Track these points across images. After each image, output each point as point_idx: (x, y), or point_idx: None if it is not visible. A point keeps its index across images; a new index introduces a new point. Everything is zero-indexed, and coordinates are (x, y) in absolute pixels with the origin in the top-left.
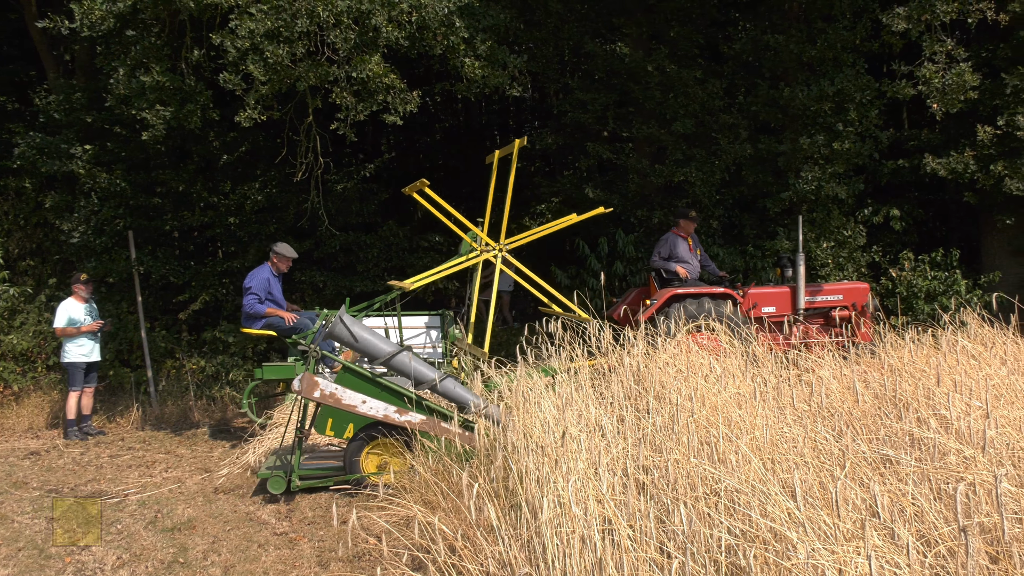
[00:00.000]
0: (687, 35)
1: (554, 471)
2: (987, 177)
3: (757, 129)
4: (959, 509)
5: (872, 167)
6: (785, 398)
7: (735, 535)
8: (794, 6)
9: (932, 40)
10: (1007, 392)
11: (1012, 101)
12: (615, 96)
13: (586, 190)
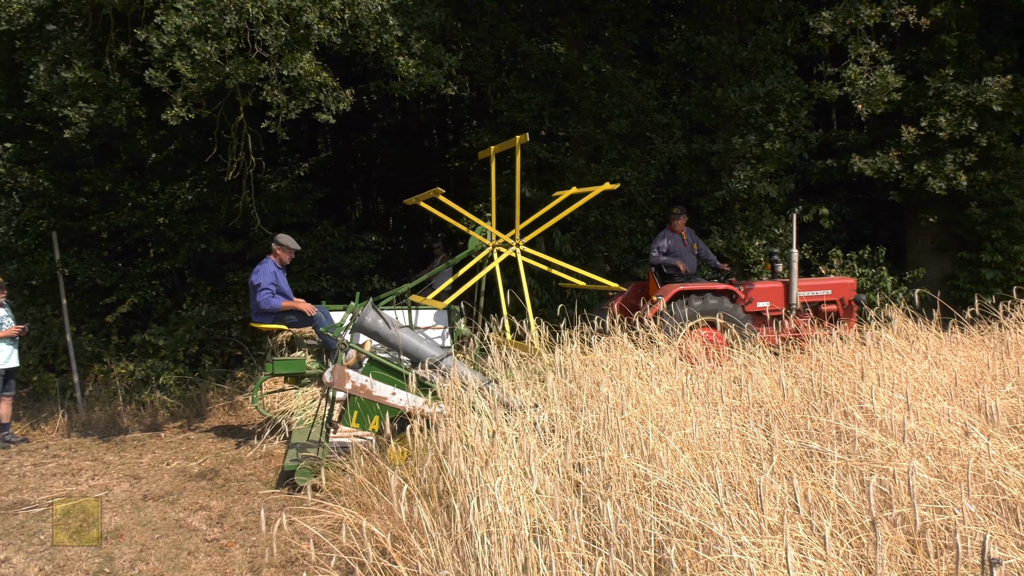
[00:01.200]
0: (622, 35)
1: (485, 471)
2: (911, 177)
3: (691, 129)
4: (872, 502)
5: (802, 166)
6: (716, 394)
7: (664, 531)
8: (726, 8)
9: (857, 43)
10: (928, 385)
11: (934, 103)
12: (551, 95)
13: (523, 189)
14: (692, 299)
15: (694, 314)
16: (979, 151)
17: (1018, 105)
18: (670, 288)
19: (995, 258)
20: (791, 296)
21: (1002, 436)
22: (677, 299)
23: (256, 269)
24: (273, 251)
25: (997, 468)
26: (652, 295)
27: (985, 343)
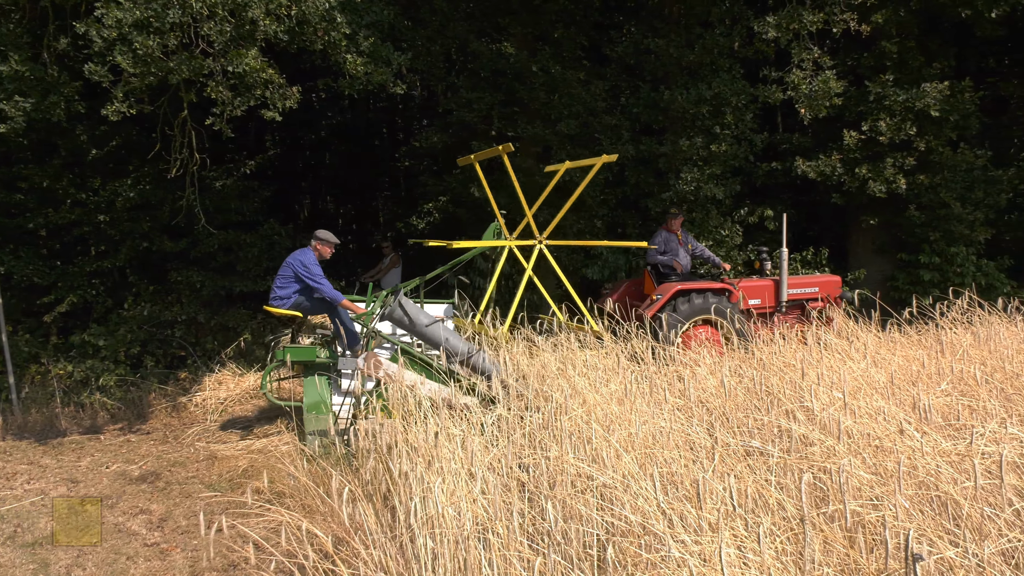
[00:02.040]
0: (571, 37)
1: (428, 471)
2: (853, 179)
3: (639, 131)
4: (804, 499)
5: (748, 169)
6: (662, 394)
7: (607, 530)
8: (674, 12)
9: (800, 48)
10: (866, 384)
11: (875, 108)
12: (501, 96)
13: (472, 189)
14: (690, 298)
15: (692, 312)
16: (918, 155)
17: (955, 111)
18: (669, 287)
19: (933, 259)
20: (781, 294)
21: (936, 433)
22: (676, 298)
23: (301, 257)
24: (312, 245)
25: (930, 465)
26: (651, 293)
27: (922, 343)
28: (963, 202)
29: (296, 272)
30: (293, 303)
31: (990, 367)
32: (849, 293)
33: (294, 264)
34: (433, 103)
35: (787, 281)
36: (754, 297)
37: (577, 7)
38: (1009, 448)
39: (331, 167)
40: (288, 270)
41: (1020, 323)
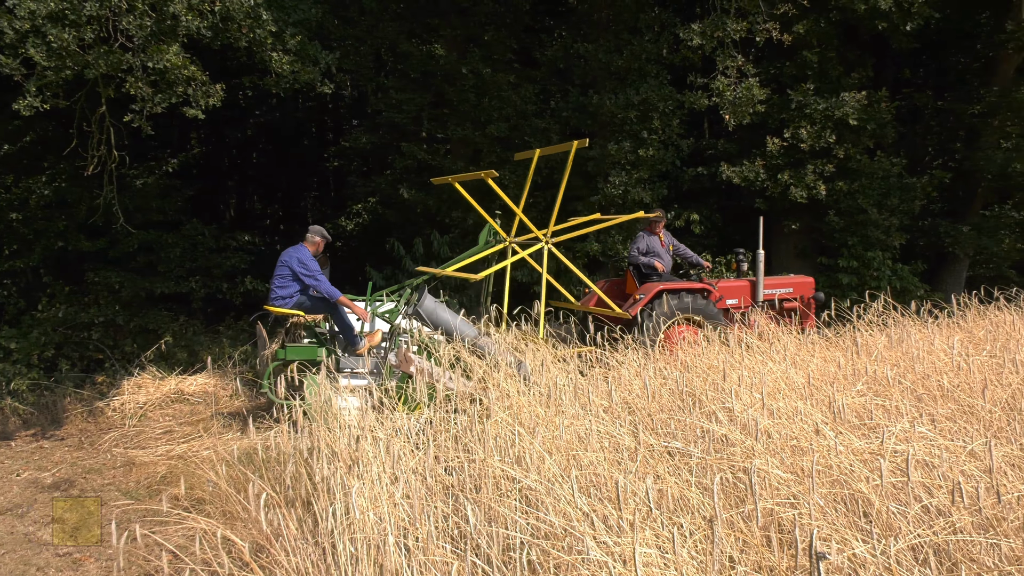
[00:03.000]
0: (501, 39)
1: (349, 476)
2: (775, 185)
3: (569, 134)
4: (715, 499)
5: (674, 173)
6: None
7: (532, 533)
8: (603, 17)
9: (725, 56)
10: (785, 385)
11: (797, 115)
12: (430, 97)
13: (401, 191)
14: (672, 298)
15: (674, 312)
16: (837, 162)
17: (872, 120)
18: (651, 287)
19: (851, 264)
20: (757, 294)
21: (850, 433)
22: (658, 297)
23: (297, 254)
24: (308, 239)
25: (844, 464)
26: (634, 293)
27: (839, 345)
28: (879, 208)
29: (294, 270)
30: (295, 302)
31: (902, 368)
32: (821, 293)
33: (291, 262)
34: (363, 103)
35: (763, 281)
36: (732, 297)
37: (507, 10)
38: (918, 447)
39: (258, 166)
40: (285, 269)
41: (932, 325)
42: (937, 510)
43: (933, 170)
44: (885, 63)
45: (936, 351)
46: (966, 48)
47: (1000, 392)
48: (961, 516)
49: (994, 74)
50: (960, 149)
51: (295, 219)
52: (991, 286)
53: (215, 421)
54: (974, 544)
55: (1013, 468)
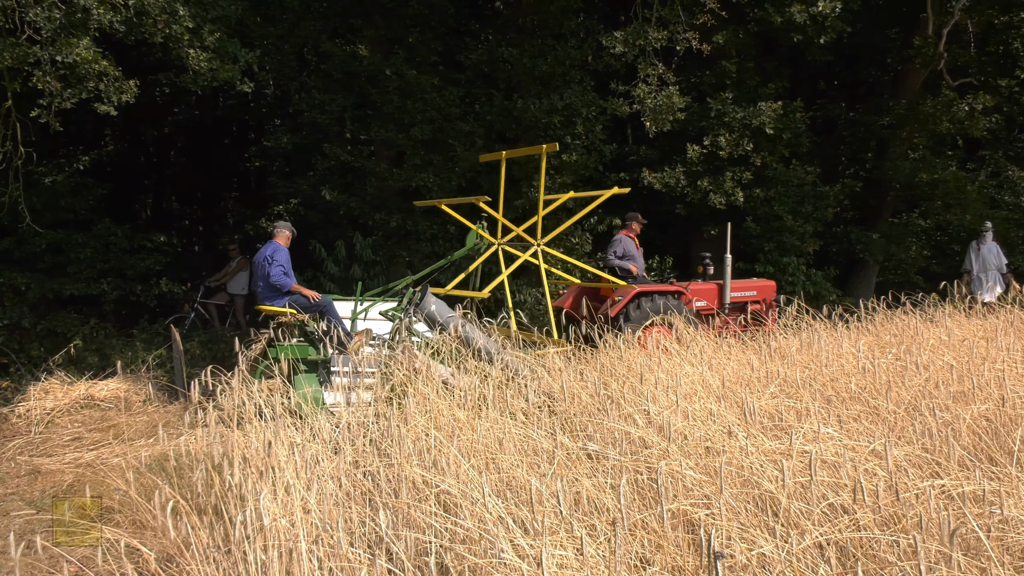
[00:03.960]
0: (426, 42)
1: (261, 482)
2: (695, 192)
3: (492, 138)
4: (621, 501)
5: (597, 178)
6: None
7: (450, 537)
8: (528, 22)
9: (646, 64)
10: (701, 388)
11: (716, 123)
12: (354, 98)
13: (323, 192)
14: (647, 300)
15: (649, 313)
16: (754, 170)
17: (787, 129)
18: (630, 289)
19: (767, 269)
20: (724, 297)
21: (761, 434)
22: (635, 299)
23: (271, 248)
24: (279, 234)
25: (754, 464)
26: (612, 296)
27: (754, 347)
28: (794, 215)
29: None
30: (288, 301)
31: (813, 371)
32: (782, 296)
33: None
34: (285, 102)
35: (730, 285)
36: (701, 299)
37: (432, 12)
38: (824, 447)
39: (176, 165)
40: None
41: (842, 329)
42: (842, 508)
43: (845, 179)
44: (801, 75)
45: (845, 354)
46: (877, 62)
47: (904, 394)
48: (864, 514)
49: (902, 87)
50: (871, 159)
51: (215, 219)
52: (899, 291)
53: (127, 427)
54: (876, 541)
55: (913, 467)
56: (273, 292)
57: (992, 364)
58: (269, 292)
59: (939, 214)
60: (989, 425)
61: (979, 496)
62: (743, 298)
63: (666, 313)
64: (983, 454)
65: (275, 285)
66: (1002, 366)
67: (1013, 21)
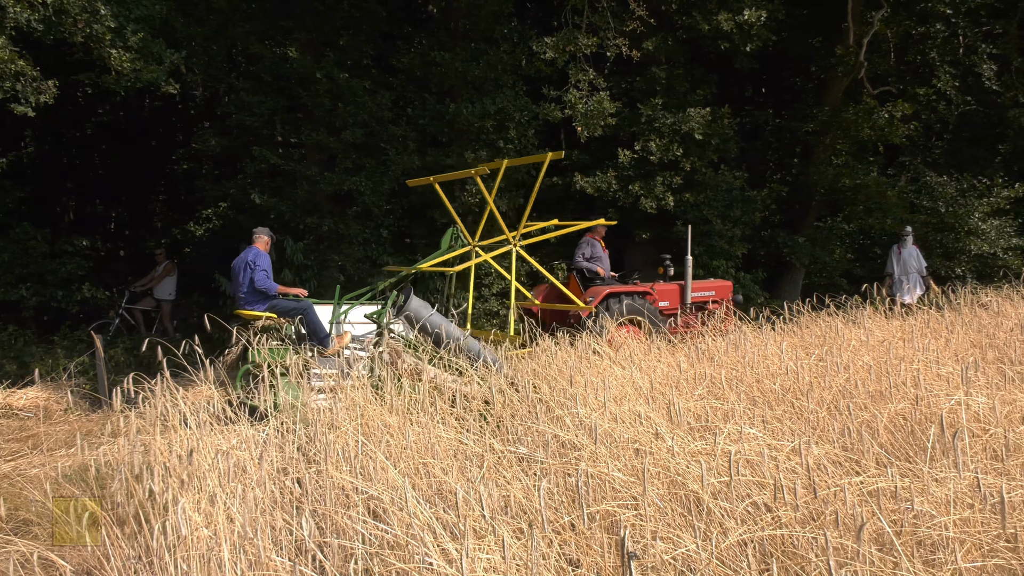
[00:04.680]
0: (358, 45)
1: (182, 491)
2: (627, 196)
3: (425, 142)
4: (542, 504)
5: (530, 183)
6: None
7: (381, 544)
8: (460, 27)
9: (577, 70)
10: (631, 390)
11: (646, 129)
12: (284, 100)
13: (253, 195)
14: (620, 300)
15: (620, 313)
16: (684, 175)
17: (716, 135)
18: (600, 290)
19: (697, 272)
20: (686, 297)
21: (687, 435)
22: (605, 300)
23: (251, 253)
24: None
25: (680, 465)
26: (585, 295)
27: (683, 350)
28: (723, 219)
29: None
30: (269, 306)
31: (739, 372)
32: (740, 296)
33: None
34: (215, 105)
35: (691, 285)
36: (664, 299)
37: (363, 16)
38: (748, 447)
39: (101, 167)
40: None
41: (768, 331)
42: (765, 507)
43: (772, 184)
44: (729, 81)
45: (770, 356)
46: (802, 70)
47: (825, 394)
48: (785, 512)
49: (826, 95)
50: (796, 164)
51: (141, 223)
52: (824, 293)
53: (46, 437)
54: (797, 538)
55: (833, 464)
56: (255, 297)
57: (909, 364)
58: (251, 297)
59: (861, 218)
60: (905, 423)
61: (895, 492)
62: (703, 298)
63: (635, 313)
64: (900, 451)
65: (260, 289)
66: (918, 366)
67: (930, 32)
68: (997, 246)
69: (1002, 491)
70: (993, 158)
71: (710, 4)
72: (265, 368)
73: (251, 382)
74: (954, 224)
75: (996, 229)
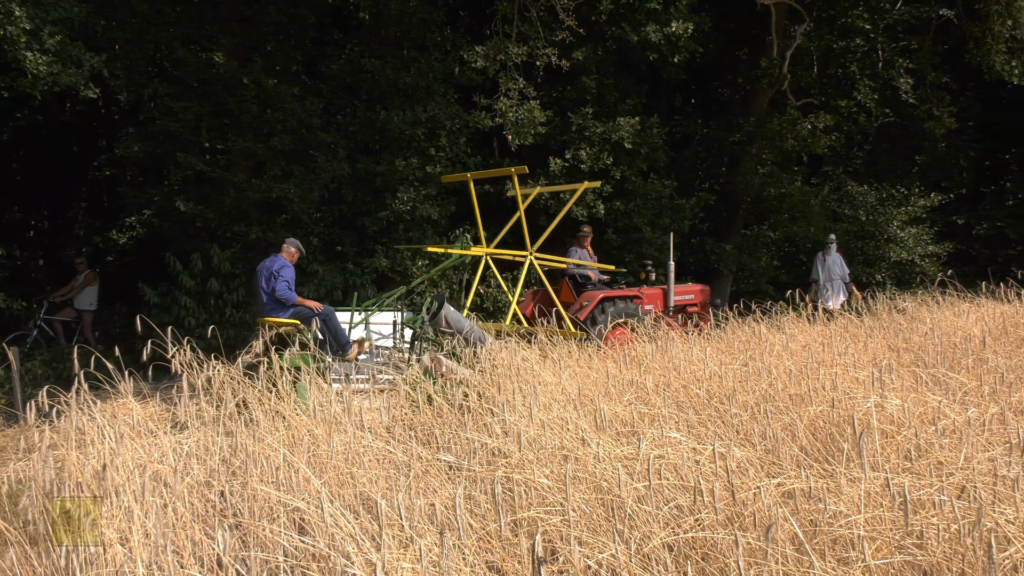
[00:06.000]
0: (286, 51)
1: (94, 508)
2: (558, 204)
3: (355, 149)
4: (459, 511)
5: (463, 190)
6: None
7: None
8: (391, 34)
9: (507, 78)
10: (560, 396)
11: (577, 138)
12: (210, 106)
13: (178, 203)
14: (613, 303)
15: (614, 315)
16: (614, 183)
17: (645, 144)
18: (594, 294)
19: (628, 279)
20: (669, 300)
21: (613, 441)
22: (600, 304)
23: (274, 261)
24: (286, 250)
25: (606, 470)
26: (579, 300)
27: (613, 356)
28: (653, 227)
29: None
30: (292, 312)
31: (667, 378)
32: (716, 299)
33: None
34: (139, 110)
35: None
36: (649, 303)
37: (291, 21)
38: (671, 451)
39: (17, 173)
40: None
41: (695, 336)
42: (689, 510)
43: (700, 192)
44: (658, 92)
45: (697, 361)
46: (728, 81)
47: (749, 398)
48: (708, 515)
49: (752, 106)
50: (724, 173)
51: (61, 231)
52: (751, 299)
53: None
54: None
55: (754, 467)
56: (277, 304)
57: (828, 368)
58: (273, 304)
59: (786, 226)
60: (825, 426)
61: (813, 493)
62: (683, 301)
63: (626, 316)
64: (819, 453)
65: (280, 299)
66: (836, 370)
67: (850, 46)
68: (915, 253)
69: (905, 490)
70: (910, 168)
71: (639, 15)
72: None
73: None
74: (874, 232)
75: (914, 237)
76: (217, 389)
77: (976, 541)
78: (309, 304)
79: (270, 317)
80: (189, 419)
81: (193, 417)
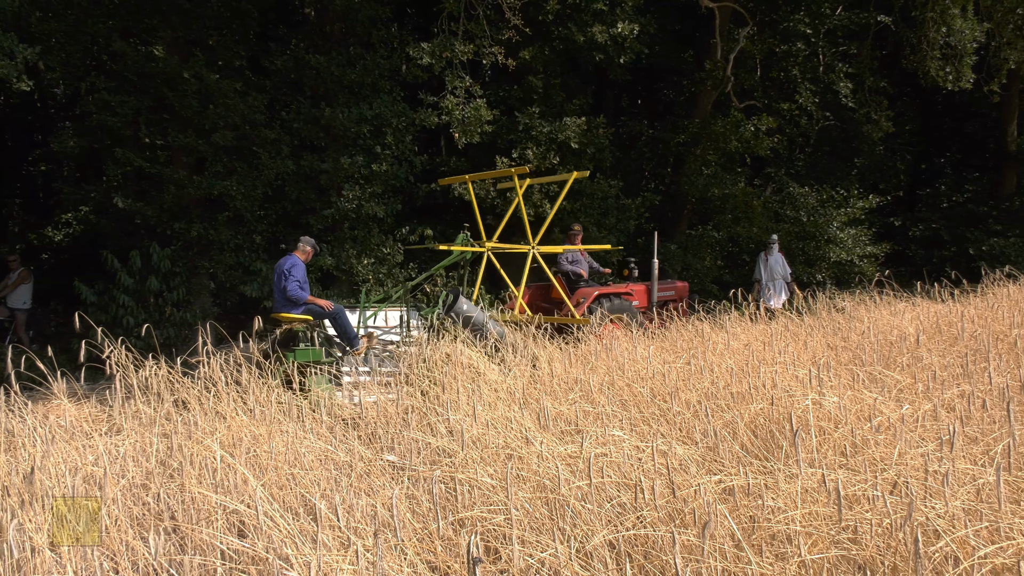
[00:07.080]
0: (229, 45)
1: (22, 511)
2: (505, 203)
3: (300, 146)
4: (396, 511)
5: (409, 189)
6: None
7: (239, 559)
8: (336, 30)
9: (453, 76)
10: (506, 394)
11: (524, 137)
12: (149, 101)
13: (116, 199)
14: (607, 300)
15: (608, 311)
16: (560, 183)
17: (591, 144)
18: (589, 291)
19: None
20: (652, 296)
21: (556, 439)
22: (596, 300)
23: (288, 261)
24: (301, 249)
25: (550, 468)
26: (575, 297)
27: (559, 356)
28: (599, 227)
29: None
30: (305, 308)
31: (612, 376)
32: (696, 295)
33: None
34: (76, 104)
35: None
36: (635, 299)
37: (234, 15)
38: (614, 449)
39: None
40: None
41: (639, 335)
42: (631, 507)
43: (646, 192)
44: (604, 92)
45: (641, 359)
46: (673, 83)
47: (691, 396)
48: (650, 512)
49: (696, 107)
50: (669, 174)
51: None
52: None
53: None
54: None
55: (695, 464)
56: (289, 302)
57: (769, 366)
58: (285, 302)
59: (730, 227)
60: (765, 423)
61: (751, 490)
62: (665, 297)
63: (619, 312)
64: (759, 451)
65: (291, 298)
66: (776, 368)
67: (792, 50)
68: (854, 254)
69: (839, 485)
70: (850, 171)
71: (585, 16)
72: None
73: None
74: (815, 233)
75: (853, 238)
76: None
77: (907, 535)
78: (320, 303)
79: (282, 313)
80: (125, 420)
81: (129, 418)
